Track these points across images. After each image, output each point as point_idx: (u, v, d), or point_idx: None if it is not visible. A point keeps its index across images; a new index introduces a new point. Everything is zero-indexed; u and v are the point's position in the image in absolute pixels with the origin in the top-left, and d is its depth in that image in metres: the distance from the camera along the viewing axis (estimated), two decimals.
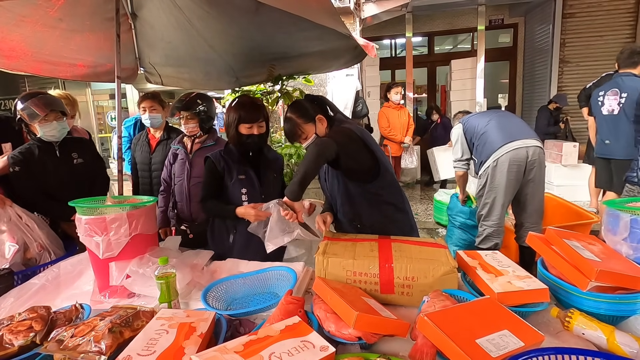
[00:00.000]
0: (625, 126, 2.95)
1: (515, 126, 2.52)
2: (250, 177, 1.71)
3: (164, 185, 2.18)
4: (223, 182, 1.70)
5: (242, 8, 1.87)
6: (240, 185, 1.69)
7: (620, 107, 2.96)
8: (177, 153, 2.12)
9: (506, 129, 2.47)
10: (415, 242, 1.32)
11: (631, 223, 1.04)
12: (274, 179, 1.80)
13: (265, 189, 1.73)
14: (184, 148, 2.11)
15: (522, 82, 7.08)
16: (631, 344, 0.84)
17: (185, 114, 2.02)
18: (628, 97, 2.90)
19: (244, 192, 1.69)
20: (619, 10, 5.70)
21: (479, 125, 2.56)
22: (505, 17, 6.86)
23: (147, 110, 2.45)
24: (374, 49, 3.15)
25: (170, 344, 0.86)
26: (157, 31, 2.36)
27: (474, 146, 2.60)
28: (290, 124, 1.55)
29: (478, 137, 2.54)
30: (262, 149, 1.78)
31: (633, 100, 2.87)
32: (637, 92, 2.84)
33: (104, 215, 1.28)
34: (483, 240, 2.55)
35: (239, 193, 1.69)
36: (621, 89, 2.95)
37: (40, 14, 1.90)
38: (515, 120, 2.63)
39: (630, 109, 2.90)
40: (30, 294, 1.32)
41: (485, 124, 2.53)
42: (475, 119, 2.65)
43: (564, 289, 1.07)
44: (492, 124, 2.51)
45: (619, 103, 2.97)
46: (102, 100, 7.88)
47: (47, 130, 1.86)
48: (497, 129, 2.48)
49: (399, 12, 5.75)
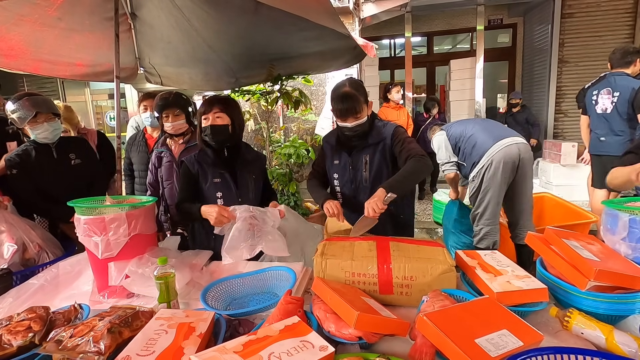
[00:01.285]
0: (619, 124, 3.02)
1: (499, 128, 2.63)
2: (225, 180, 1.65)
3: (151, 190, 2.09)
4: (198, 185, 1.65)
5: (242, 8, 1.87)
6: (215, 189, 1.64)
7: (613, 106, 3.04)
8: (162, 156, 2.04)
9: (491, 130, 2.57)
10: (413, 242, 1.33)
11: (630, 223, 1.05)
12: (252, 180, 1.71)
13: (242, 191, 1.66)
14: (168, 150, 2.04)
15: (521, 82, 7.08)
16: (630, 343, 0.84)
17: (174, 110, 1.96)
18: (620, 95, 2.98)
19: (219, 195, 1.64)
20: (618, 10, 5.71)
21: (465, 130, 2.64)
22: (504, 17, 6.86)
23: (149, 108, 2.43)
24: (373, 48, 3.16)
25: (169, 344, 0.86)
26: (156, 31, 2.36)
27: (460, 150, 2.67)
28: (352, 100, 1.57)
29: (465, 141, 2.61)
30: (240, 150, 1.71)
31: (625, 98, 2.94)
32: (629, 91, 2.91)
33: (103, 215, 1.28)
34: (481, 240, 2.56)
35: (215, 197, 1.64)
36: (614, 88, 3.03)
37: (39, 13, 1.90)
38: (496, 123, 2.77)
39: (623, 107, 2.98)
40: (29, 294, 1.32)
41: (470, 128, 2.63)
42: (458, 125, 2.76)
43: (563, 288, 1.07)
44: (477, 127, 2.61)
45: (612, 102, 3.04)
46: (101, 100, 7.86)
47: (38, 132, 1.83)
48: (484, 131, 2.57)
49: (398, 12, 5.75)
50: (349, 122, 1.60)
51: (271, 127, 4.24)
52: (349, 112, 1.58)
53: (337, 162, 1.74)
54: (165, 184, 2.04)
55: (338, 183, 1.74)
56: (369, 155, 1.68)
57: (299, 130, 4.55)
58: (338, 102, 1.60)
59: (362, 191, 1.69)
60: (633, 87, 2.88)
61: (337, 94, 1.62)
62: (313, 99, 4.46)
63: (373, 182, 1.66)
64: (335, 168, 1.75)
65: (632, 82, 2.93)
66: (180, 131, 2.02)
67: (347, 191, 1.73)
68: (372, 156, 1.68)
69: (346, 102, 1.58)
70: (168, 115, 1.96)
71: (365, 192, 1.67)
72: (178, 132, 2.02)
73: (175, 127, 1.98)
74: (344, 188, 1.73)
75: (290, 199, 3.77)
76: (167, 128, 1.99)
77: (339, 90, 1.62)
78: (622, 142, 2.99)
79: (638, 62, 3.00)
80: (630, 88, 2.90)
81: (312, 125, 4.46)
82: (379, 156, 1.67)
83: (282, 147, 3.88)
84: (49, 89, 6.70)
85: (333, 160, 1.76)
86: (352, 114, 1.59)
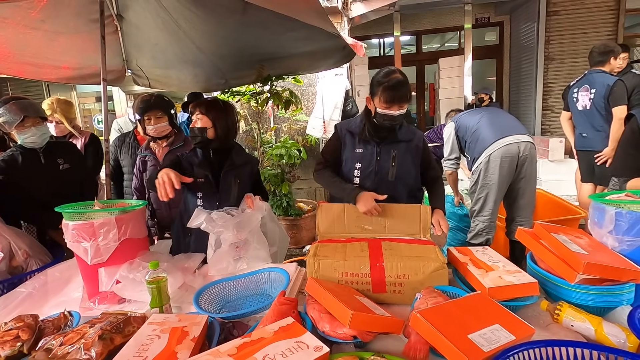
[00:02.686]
0: (599, 120, 3.09)
1: (506, 122, 2.57)
2: (208, 181, 1.63)
3: (137, 195, 2.07)
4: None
5: (229, 9, 1.86)
6: (197, 189, 1.63)
7: (591, 102, 3.11)
8: (147, 160, 2.03)
9: (497, 125, 2.52)
10: (405, 241, 1.34)
11: (616, 216, 1.07)
12: (237, 185, 1.67)
13: (222, 195, 1.64)
14: (152, 154, 2.02)
15: (509, 79, 7.18)
16: (618, 334, 0.86)
17: (156, 113, 1.94)
18: (596, 92, 3.06)
19: (200, 195, 1.64)
20: (601, 7, 5.83)
21: (471, 123, 2.60)
22: (491, 16, 6.94)
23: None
24: (362, 48, 3.16)
25: (162, 349, 0.85)
26: (143, 33, 2.33)
27: (466, 144, 2.64)
28: (405, 87, 1.55)
29: (470, 135, 2.59)
30: (229, 153, 1.69)
31: (601, 95, 3.02)
32: (604, 88, 2.98)
33: (92, 221, 1.26)
34: (475, 236, 2.58)
35: (196, 196, 1.64)
36: (591, 86, 3.11)
37: (22, 15, 1.86)
38: (505, 116, 2.68)
39: (599, 104, 3.06)
40: (17, 303, 1.29)
41: (477, 122, 2.58)
42: (467, 116, 2.70)
43: (552, 282, 1.09)
44: (484, 121, 2.55)
45: (590, 99, 3.11)
46: (89, 103, 7.73)
47: (26, 136, 1.79)
48: (489, 125, 2.52)
49: (386, 12, 5.77)
50: (393, 109, 1.54)
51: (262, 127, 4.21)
52: (401, 99, 1.53)
53: (361, 150, 1.68)
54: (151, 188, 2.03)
55: (359, 173, 1.68)
56: (397, 150, 1.65)
57: (290, 130, 4.54)
58: (391, 89, 1.52)
59: (384, 185, 1.62)
60: (608, 84, 2.96)
61: (390, 79, 1.54)
62: (304, 99, 4.45)
63: (397, 179, 1.64)
64: (357, 156, 1.68)
65: (608, 78, 3.00)
66: (163, 134, 2.00)
67: (367, 183, 1.66)
68: (402, 152, 1.66)
69: (399, 89, 1.52)
70: (150, 118, 1.95)
71: (387, 187, 1.60)
72: (161, 135, 2.00)
73: (158, 129, 1.97)
74: (366, 180, 1.67)
75: (283, 200, 3.76)
76: (150, 131, 1.97)
77: (391, 76, 1.54)
78: (603, 137, 3.07)
79: (613, 60, 3.07)
80: (605, 85, 2.97)
81: (303, 126, 4.45)
82: (408, 155, 1.67)
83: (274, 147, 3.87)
84: (34, 93, 6.55)
85: (355, 148, 1.69)
86: (402, 102, 1.54)
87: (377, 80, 1.58)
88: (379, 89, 1.55)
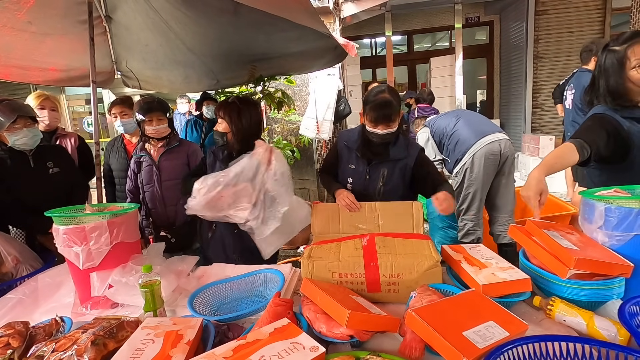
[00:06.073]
0: (579, 119, 3.13)
1: (482, 123, 2.62)
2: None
3: (130, 197, 2.08)
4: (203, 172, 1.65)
5: (220, 9, 1.85)
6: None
7: (572, 102, 3.15)
8: (142, 161, 2.04)
9: (475, 126, 2.57)
10: (399, 235, 1.34)
11: (605, 212, 1.08)
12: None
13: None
14: (147, 154, 2.04)
15: (499, 78, 7.27)
16: (610, 328, 0.87)
17: (158, 114, 1.97)
18: (576, 91, 3.12)
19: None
20: (588, 7, 5.93)
21: (448, 126, 2.64)
22: (481, 15, 7.02)
23: (119, 116, 2.36)
24: (354, 48, 3.18)
25: (156, 353, 0.85)
26: (133, 34, 2.31)
27: (444, 146, 2.68)
28: (390, 107, 1.55)
29: (448, 137, 2.62)
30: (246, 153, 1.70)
31: (579, 94, 3.07)
32: (581, 87, 3.02)
33: (83, 225, 1.24)
34: (465, 235, 2.60)
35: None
36: (574, 85, 3.18)
37: (8, 17, 1.83)
38: (480, 117, 2.75)
39: (577, 104, 3.11)
40: (7, 310, 1.27)
41: (453, 124, 2.62)
42: (442, 120, 2.74)
43: (545, 278, 1.10)
44: (461, 123, 2.60)
45: (572, 98, 3.15)
46: (78, 105, 7.63)
47: (17, 137, 1.76)
48: (467, 126, 2.57)
49: (377, 11, 5.80)
50: (379, 129, 1.57)
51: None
52: (384, 119, 1.55)
53: (353, 167, 1.72)
54: (146, 188, 2.04)
55: (350, 188, 1.71)
56: (387, 169, 1.67)
57: (282, 131, 4.53)
58: (375, 108, 1.56)
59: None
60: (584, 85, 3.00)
61: (376, 99, 1.57)
62: (296, 99, 4.44)
63: (384, 197, 1.65)
64: (350, 172, 1.73)
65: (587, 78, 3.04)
66: (163, 135, 2.03)
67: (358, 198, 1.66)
68: (391, 171, 1.67)
69: (383, 109, 1.55)
70: (152, 119, 1.97)
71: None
72: (161, 136, 2.03)
73: (159, 130, 2.00)
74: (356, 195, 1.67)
75: None
76: (150, 132, 1.99)
77: (378, 96, 1.57)
78: None
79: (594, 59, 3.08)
80: (581, 84, 3.02)
81: (296, 126, 4.45)
82: (398, 173, 1.67)
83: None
84: (21, 96, 6.44)
85: (349, 163, 1.74)
86: (386, 122, 1.56)
87: (366, 98, 1.63)
88: (367, 108, 1.60)
